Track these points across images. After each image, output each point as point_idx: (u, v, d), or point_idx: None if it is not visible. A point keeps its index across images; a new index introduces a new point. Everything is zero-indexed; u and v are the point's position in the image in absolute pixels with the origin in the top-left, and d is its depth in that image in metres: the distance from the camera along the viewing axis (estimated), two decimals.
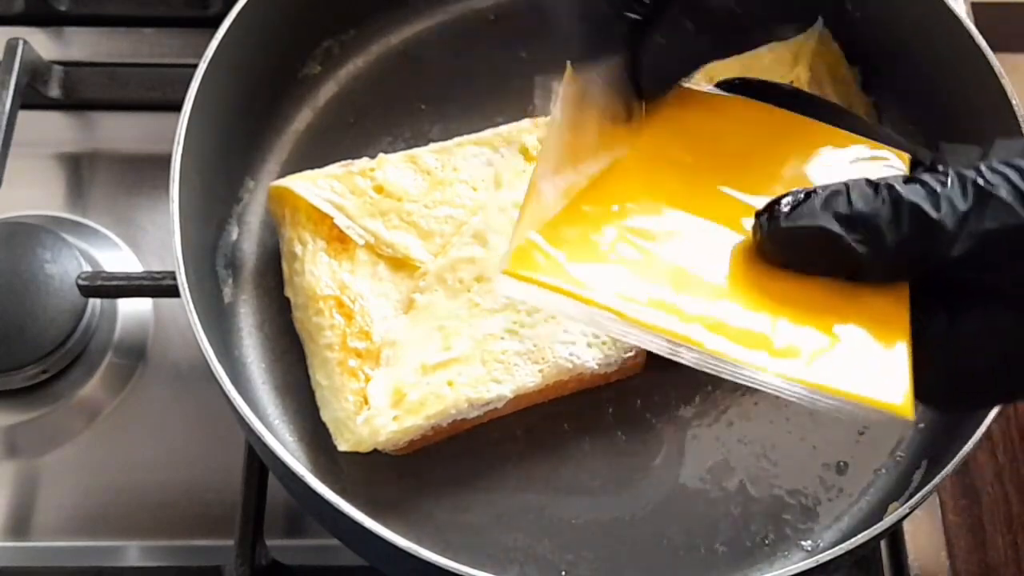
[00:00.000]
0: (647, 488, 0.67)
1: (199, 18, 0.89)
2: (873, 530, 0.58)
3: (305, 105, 0.78)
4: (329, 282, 0.67)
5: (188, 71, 0.66)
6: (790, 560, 0.65)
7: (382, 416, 0.63)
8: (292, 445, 0.68)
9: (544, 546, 0.65)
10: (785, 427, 0.69)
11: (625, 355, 0.67)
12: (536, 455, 0.68)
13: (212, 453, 0.74)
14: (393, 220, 0.69)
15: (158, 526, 0.72)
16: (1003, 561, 0.77)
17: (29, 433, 0.75)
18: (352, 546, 0.64)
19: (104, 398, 0.76)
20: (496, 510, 0.66)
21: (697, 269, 0.45)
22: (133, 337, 0.78)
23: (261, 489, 0.69)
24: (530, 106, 0.77)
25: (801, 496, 0.67)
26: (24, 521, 0.73)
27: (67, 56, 0.87)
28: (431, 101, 0.78)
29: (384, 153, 0.72)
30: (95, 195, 0.83)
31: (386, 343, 0.66)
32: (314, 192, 0.69)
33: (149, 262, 0.80)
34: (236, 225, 0.74)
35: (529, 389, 0.66)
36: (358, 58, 0.80)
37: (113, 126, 0.86)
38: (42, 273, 0.75)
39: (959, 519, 0.78)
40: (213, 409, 0.73)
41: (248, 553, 0.67)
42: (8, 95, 0.78)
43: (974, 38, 0.68)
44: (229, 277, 0.72)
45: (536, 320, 0.67)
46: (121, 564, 0.72)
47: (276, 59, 0.75)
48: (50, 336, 0.74)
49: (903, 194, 0.40)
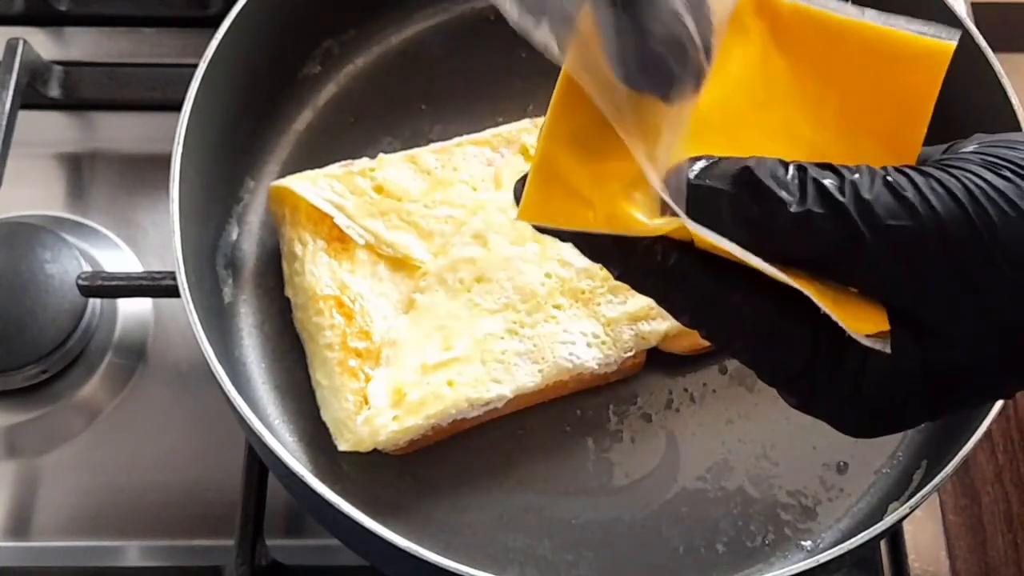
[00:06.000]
0: (647, 488, 0.67)
1: (199, 18, 0.89)
2: (873, 530, 0.58)
3: (305, 105, 0.78)
4: (329, 282, 0.67)
5: (188, 71, 0.66)
6: (790, 560, 0.65)
7: (382, 416, 0.63)
8: (292, 445, 0.68)
9: (544, 546, 0.65)
10: (785, 427, 0.69)
11: (625, 355, 0.67)
12: (536, 455, 0.68)
13: (212, 453, 0.74)
14: (393, 220, 0.70)
15: (158, 526, 0.72)
16: (1003, 561, 0.77)
17: (29, 433, 0.75)
18: (352, 546, 0.64)
19: (104, 398, 0.76)
20: (496, 510, 0.66)
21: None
22: (133, 337, 0.78)
23: (261, 489, 0.69)
24: (530, 106, 0.77)
25: (801, 496, 0.67)
26: (24, 521, 0.72)
27: (67, 56, 0.87)
28: (431, 101, 0.78)
29: (384, 153, 0.72)
30: (95, 195, 0.83)
31: (386, 343, 0.66)
32: (314, 192, 0.69)
33: (149, 262, 0.80)
34: (236, 225, 0.74)
35: (529, 389, 0.66)
36: (358, 58, 0.80)
37: (113, 126, 0.86)
38: (42, 273, 0.75)
39: (959, 519, 0.78)
40: (213, 409, 0.73)
41: (248, 553, 0.67)
42: (8, 95, 0.78)
43: (974, 38, 0.68)
44: (229, 277, 0.72)
45: (536, 320, 0.67)
46: (121, 564, 0.72)
47: (276, 59, 0.75)
48: (50, 336, 0.74)
49: (811, 173, 0.36)
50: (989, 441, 0.81)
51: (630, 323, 0.67)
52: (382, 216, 0.69)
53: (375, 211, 0.70)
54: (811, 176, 0.36)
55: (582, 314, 0.67)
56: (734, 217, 0.36)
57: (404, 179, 0.71)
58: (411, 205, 0.70)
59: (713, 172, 0.37)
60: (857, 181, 0.36)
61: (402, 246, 0.69)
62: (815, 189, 0.36)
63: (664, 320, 0.67)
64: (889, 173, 0.36)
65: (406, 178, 0.71)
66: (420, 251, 0.69)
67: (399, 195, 0.70)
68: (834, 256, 0.36)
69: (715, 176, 0.36)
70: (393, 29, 0.81)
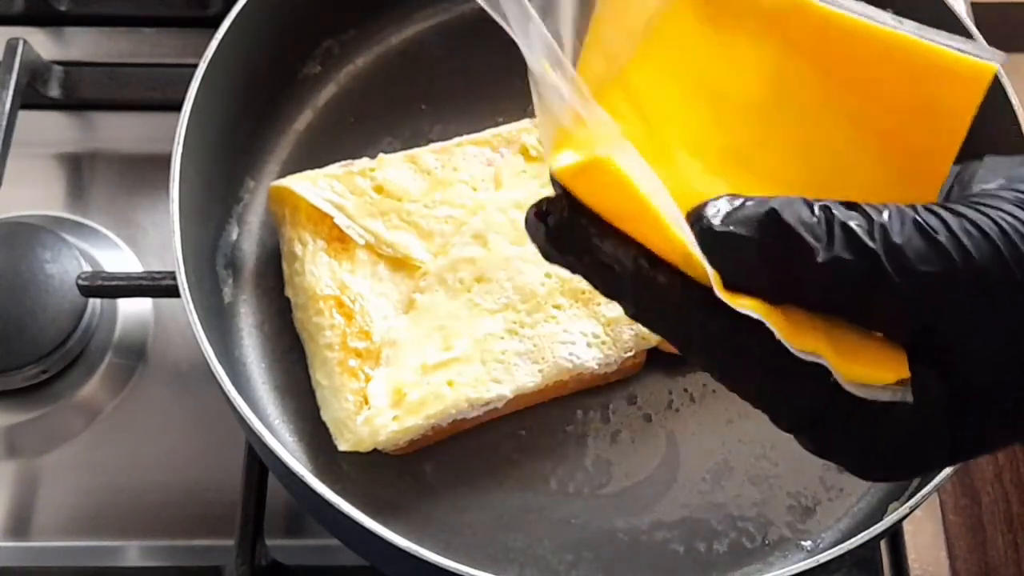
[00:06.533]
0: (647, 488, 0.67)
1: (199, 18, 0.89)
2: (873, 530, 0.58)
3: (305, 105, 0.78)
4: (329, 282, 0.67)
5: (188, 71, 0.66)
6: (790, 560, 0.65)
7: (382, 416, 0.63)
8: (292, 445, 0.68)
9: (544, 546, 0.65)
10: None
11: (625, 355, 0.67)
12: (536, 455, 0.68)
13: (212, 453, 0.74)
14: (393, 220, 0.70)
15: (158, 526, 0.72)
16: (1003, 561, 0.77)
17: (29, 433, 0.75)
18: (352, 546, 0.64)
19: (104, 398, 0.76)
20: (496, 510, 0.66)
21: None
22: (133, 337, 0.78)
23: (261, 489, 0.69)
24: (530, 106, 0.77)
25: (801, 496, 0.67)
26: (24, 521, 0.72)
27: (67, 56, 0.87)
28: (431, 101, 0.78)
29: (384, 153, 0.72)
30: (95, 195, 0.83)
31: (386, 343, 0.66)
32: (314, 192, 0.69)
33: (149, 262, 0.80)
34: (236, 225, 0.74)
35: (529, 389, 0.66)
36: (358, 58, 0.80)
37: (113, 126, 0.86)
38: (42, 273, 0.75)
39: (959, 519, 0.78)
40: (213, 409, 0.73)
41: (248, 553, 0.67)
42: (8, 95, 0.78)
43: (974, 38, 0.68)
44: (229, 277, 0.72)
45: (536, 320, 0.67)
46: (121, 564, 0.72)
47: (276, 59, 0.75)
48: (50, 336, 0.74)
49: (837, 215, 0.35)
50: None
51: (630, 323, 0.67)
52: (382, 216, 0.69)
53: (375, 211, 0.70)
54: (838, 219, 0.35)
55: (582, 314, 0.67)
56: (759, 264, 0.35)
57: (404, 179, 0.71)
58: (411, 205, 0.70)
59: (738, 217, 0.35)
60: (887, 224, 0.34)
61: (402, 246, 0.69)
62: (843, 233, 0.34)
63: None
64: (919, 213, 0.35)
65: (406, 178, 0.71)
66: (420, 251, 0.69)
67: (399, 195, 0.70)
68: (859, 301, 0.35)
69: (740, 222, 0.35)
70: (393, 29, 0.81)
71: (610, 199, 0.35)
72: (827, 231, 0.34)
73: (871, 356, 0.35)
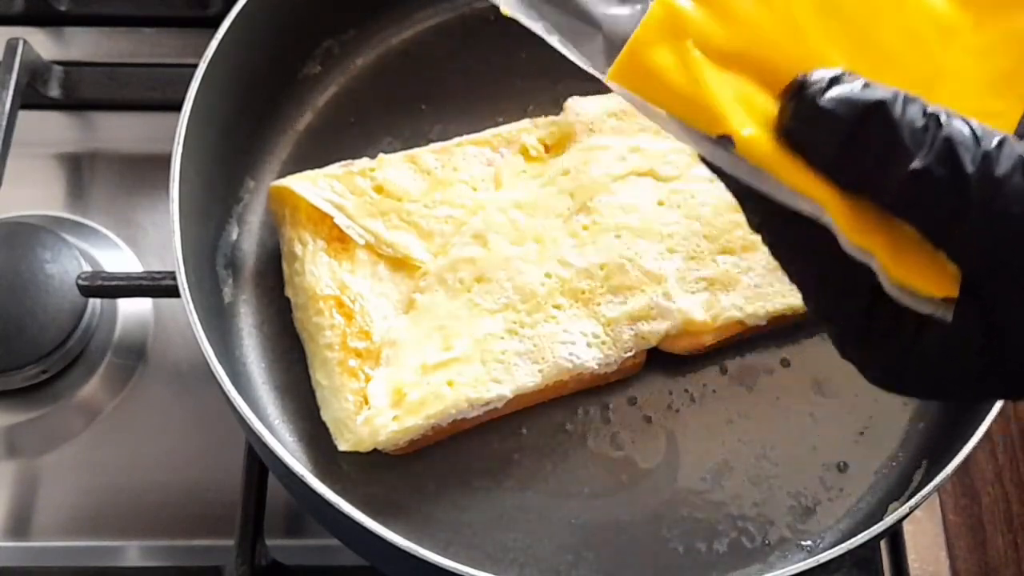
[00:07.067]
0: (647, 488, 0.67)
1: (199, 18, 0.89)
2: (873, 530, 0.58)
3: (305, 105, 0.78)
4: (329, 282, 0.67)
5: (188, 71, 0.66)
6: (790, 560, 0.65)
7: (382, 416, 0.63)
8: (292, 445, 0.68)
9: (544, 546, 0.65)
10: (785, 427, 0.69)
11: (625, 355, 0.67)
12: (536, 455, 0.68)
13: (212, 453, 0.74)
14: (393, 220, 0.70)
15: (158, 526, 0.72)
16: (1003, 561, 0.77)
17: (29, 433, 0.75)
18: (352, 546, 0.64)
19: (104, 398, 0.76)
20: (496, 510, 0.66)
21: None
22: (133, 337, 0.78)
23: (261, 489, 0.69)
24: (530, 106, 0.77)
25: (801, 496, 0.67)
26: (24, 521, 0.73)
27: (67, 56, 0.87)
28: (431, 101, 0.78)
29: (384, 153, 0.72)
30: (95, 195, 0.83)
31: (386, 343, 0.66)
32: (314, 192, 0.69)
33: (149, 262, 0.80)
34: (236, 225, 0.74)
35: (529, 389, 0.66)
36: (358, 58, 0.80)
37: (113, 126, 0.86)
38: (42, 273, 0.75)
39: (959, 519, 0.78)
40: (213, 409, 0.73)
41: (248, 553, 0.67)
42: (8, 95, 0.78)
43: None
44: (229, 277, 0.72)
45: (536, 320, 0.67)
46: (121, 564, 0.72)
47: (276, 59, 0.75)
48: (50, 336, 0.74)
49: (945, 127, 0.33)
50: (989, 441, 0.81)
51: (630, 323, 0.67)
52: (382, 216, 0.70)
53: (375, 211, 0.70)
54: (944, 133, 0.33)
55: (582, 314, 0.67)
56: (848, 150, 0.33)
57: (404, 179, 0.71)
58: (411, 205, 0.70)
59: (844, 98, 0.33)
60: (992, 153, 0.33)
61: (402, 246, 0.69)
62: (944, 148, 0.33)
63: (664, 320, 0.67)
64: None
65: (406, 178, 0.71)
66: (420, 251, 0.69)
67: (399, 195, 0.70)
68: (936, 219, 0.33)
69: (844, 103, 0.33)
70: (393, 29, 0.81)
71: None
72: (930, 141, 0.33)
73: (924, 266, 0.35)
